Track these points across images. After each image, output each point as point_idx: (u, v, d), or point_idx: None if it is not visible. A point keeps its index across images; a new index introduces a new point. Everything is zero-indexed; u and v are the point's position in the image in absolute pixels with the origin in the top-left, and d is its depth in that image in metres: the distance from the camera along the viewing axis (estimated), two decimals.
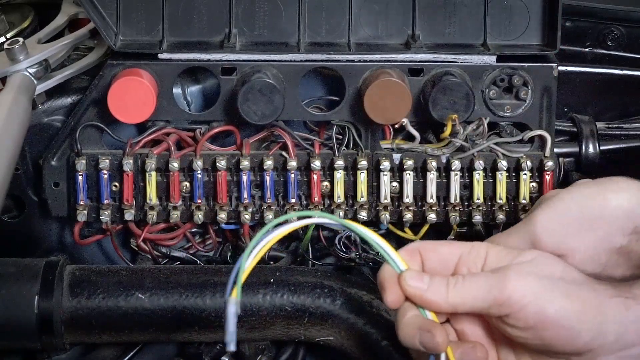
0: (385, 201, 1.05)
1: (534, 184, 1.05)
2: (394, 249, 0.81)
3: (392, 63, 1.03)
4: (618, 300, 0.79)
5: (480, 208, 1.05)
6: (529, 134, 1.05)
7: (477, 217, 1.05)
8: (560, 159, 1.09)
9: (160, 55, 1.03)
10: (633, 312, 0.79)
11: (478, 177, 1.04)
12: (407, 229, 1.07)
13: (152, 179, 1.03)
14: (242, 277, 0.76)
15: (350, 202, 1.06)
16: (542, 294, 0.78)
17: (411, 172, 1.05)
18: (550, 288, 0.79)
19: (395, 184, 1.05)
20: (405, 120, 1.03)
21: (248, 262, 0.77)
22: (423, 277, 0.80)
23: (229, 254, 1.11)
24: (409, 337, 0.79)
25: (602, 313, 0.78)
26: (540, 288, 0.79)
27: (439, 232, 1.07)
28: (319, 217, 0.81)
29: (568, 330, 0.78)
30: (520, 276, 0.79)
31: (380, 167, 1.04)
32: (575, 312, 0.78)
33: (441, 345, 0.78)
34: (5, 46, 1.03)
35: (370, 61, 1.03)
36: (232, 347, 0.74)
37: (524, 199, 1.05)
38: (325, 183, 1.05)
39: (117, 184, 1.05)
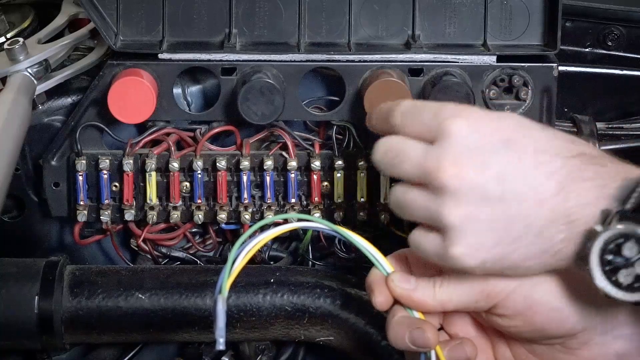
0: (385, 201, 1.05)
1: None
2: (381, 253, 0.82)
3: (392, 63, 1.03)
4: None
5: None
6: None
7: None
8: None
9: (160, 55, 1.03)
10: None
11: None
12: (407, 229, 1.07)
13: (152, 179, 1.03)
14: (228, 282, 0.77)
15: (350, 202, 1.06)
16: (527, 278, 0.78)
17: None
18: None
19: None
20: None
21: (236, 265, 0.78)
22: (410, 279, 0.82)
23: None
24: (399, 337, 0.80)
25: (591, 293, 0.78)
26: None
27: None
28: (307, 222, 0.82)
29: (557, 311, 0.78)
30: None
31: None
32: (563, 292, 0.78)
33: (431, 340, 0.79)
34: (6, 46, 1.03)
35: (370, 61, 1.03)
36: (221, 344, 0.75)
37: None
38: (325, 183, 1.05)
39: (117, 184, 1.05)
